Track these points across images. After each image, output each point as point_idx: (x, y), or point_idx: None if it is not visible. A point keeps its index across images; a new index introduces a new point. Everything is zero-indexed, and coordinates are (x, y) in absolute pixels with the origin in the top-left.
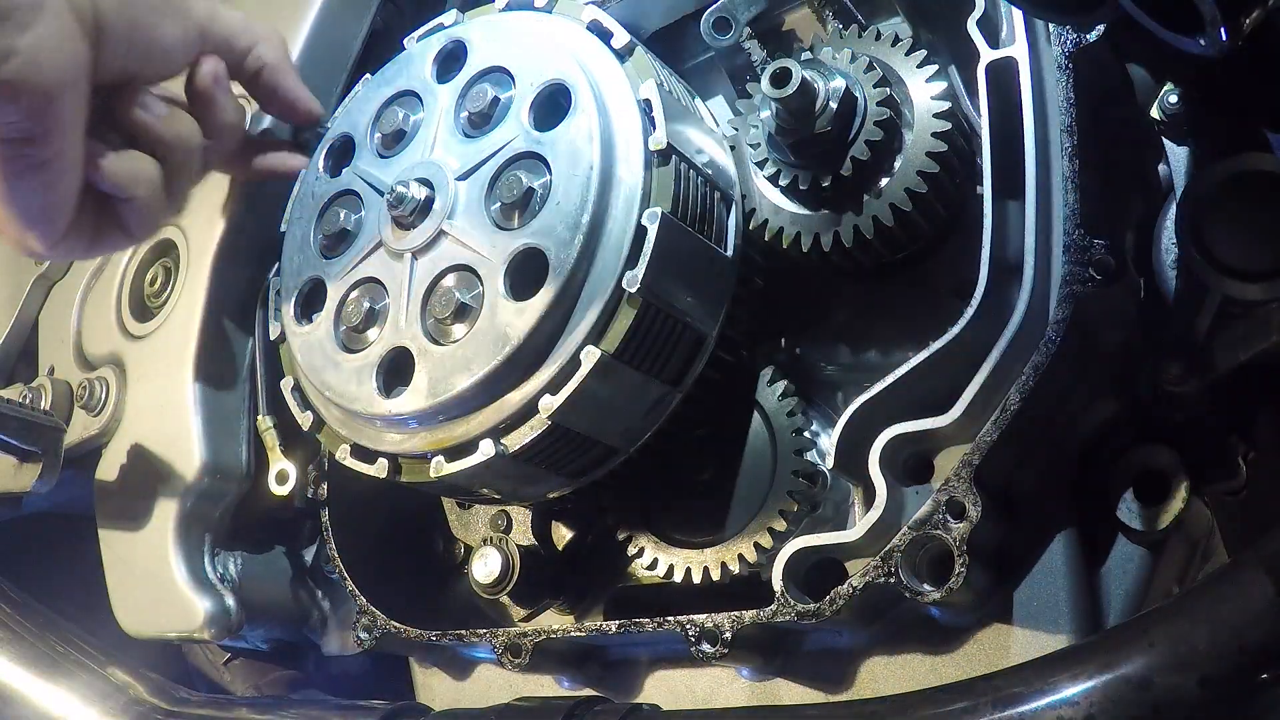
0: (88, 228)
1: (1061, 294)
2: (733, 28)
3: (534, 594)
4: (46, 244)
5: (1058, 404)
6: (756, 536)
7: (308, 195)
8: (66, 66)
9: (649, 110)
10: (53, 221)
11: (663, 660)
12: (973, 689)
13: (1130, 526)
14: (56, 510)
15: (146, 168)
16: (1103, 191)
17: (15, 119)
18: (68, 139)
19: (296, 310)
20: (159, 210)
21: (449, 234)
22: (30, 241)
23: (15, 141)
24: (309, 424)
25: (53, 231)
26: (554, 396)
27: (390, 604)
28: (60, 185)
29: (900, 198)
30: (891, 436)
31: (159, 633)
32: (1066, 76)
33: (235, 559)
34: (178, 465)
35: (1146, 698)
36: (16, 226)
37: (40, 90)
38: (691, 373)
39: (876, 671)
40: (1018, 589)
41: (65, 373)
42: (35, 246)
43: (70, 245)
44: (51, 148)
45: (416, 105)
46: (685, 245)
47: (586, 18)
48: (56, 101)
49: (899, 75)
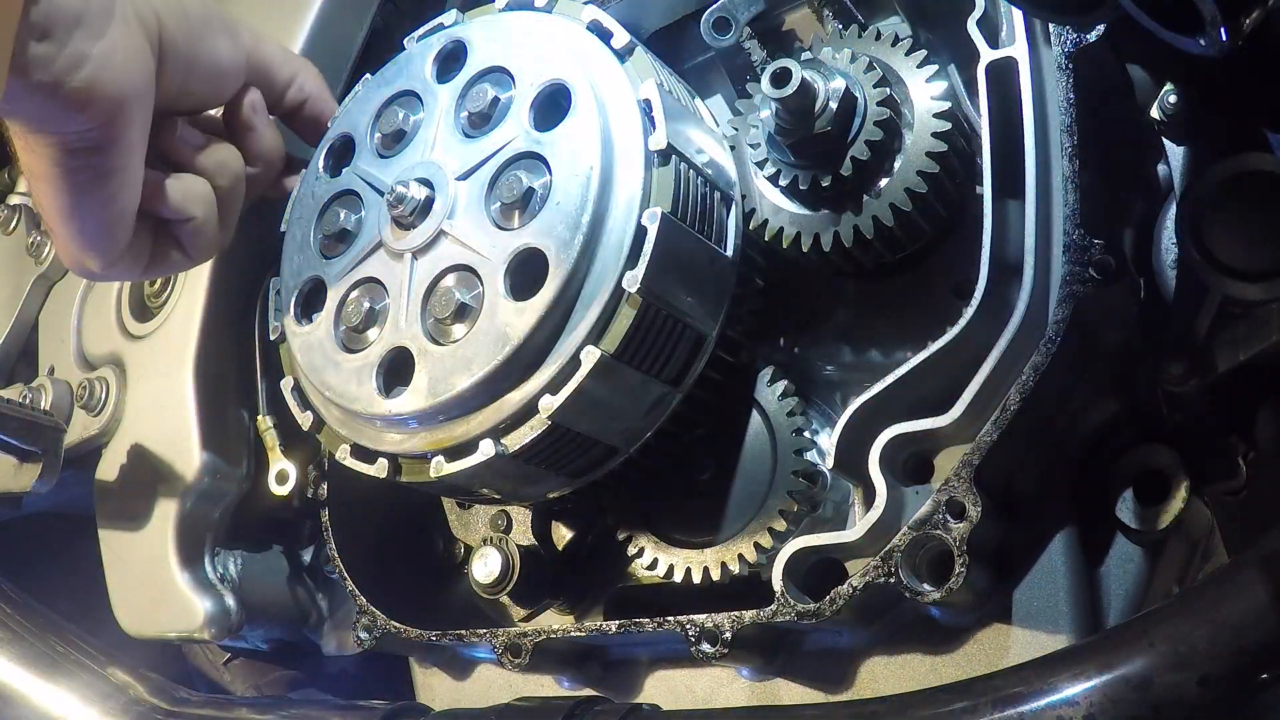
0: (144, 251)
1: (1061, 294)
2: (733, 28)
3: (534, 594)
4: (103, 263)
5: (1058, 404)
6: (756, 536)
7: (308, 195)
8: (135, 75)
9: (649, 110)
10: (112, 239)
11: (663, 660)
12: (973, 689)
13: (1130, 526)
14: (56, 510)
15: (201, 189)
16: (1103, 191)
17: (84, 127)
18: (133, 151)
19: (296, 310)
20: (215, 232)
21: (449, 234)
22: (88, 261)
23: (82, 151)
24: (309, 424)
25: (111, 250)
26: (554, 396)
27: (390, 604)
28: (121, 200)
29: (900, 198)
30: (891, 436)
31: (159, 633)
32: (1066, 76)
33: (235, 559)
34: (178, 465)
35: (1146, 698)
36: (76, 244)
37: (110, 98)
38: (691, 373)
39: (876, 671)
40: (1017, 589)
41: (65, 373)
42: (92, 266)
43: (126, 267)
44: (117, 159)
45: (416, 105)
46: (685, 245)
47: (586, 18)
48: (125, 111)
49: (899, 75)
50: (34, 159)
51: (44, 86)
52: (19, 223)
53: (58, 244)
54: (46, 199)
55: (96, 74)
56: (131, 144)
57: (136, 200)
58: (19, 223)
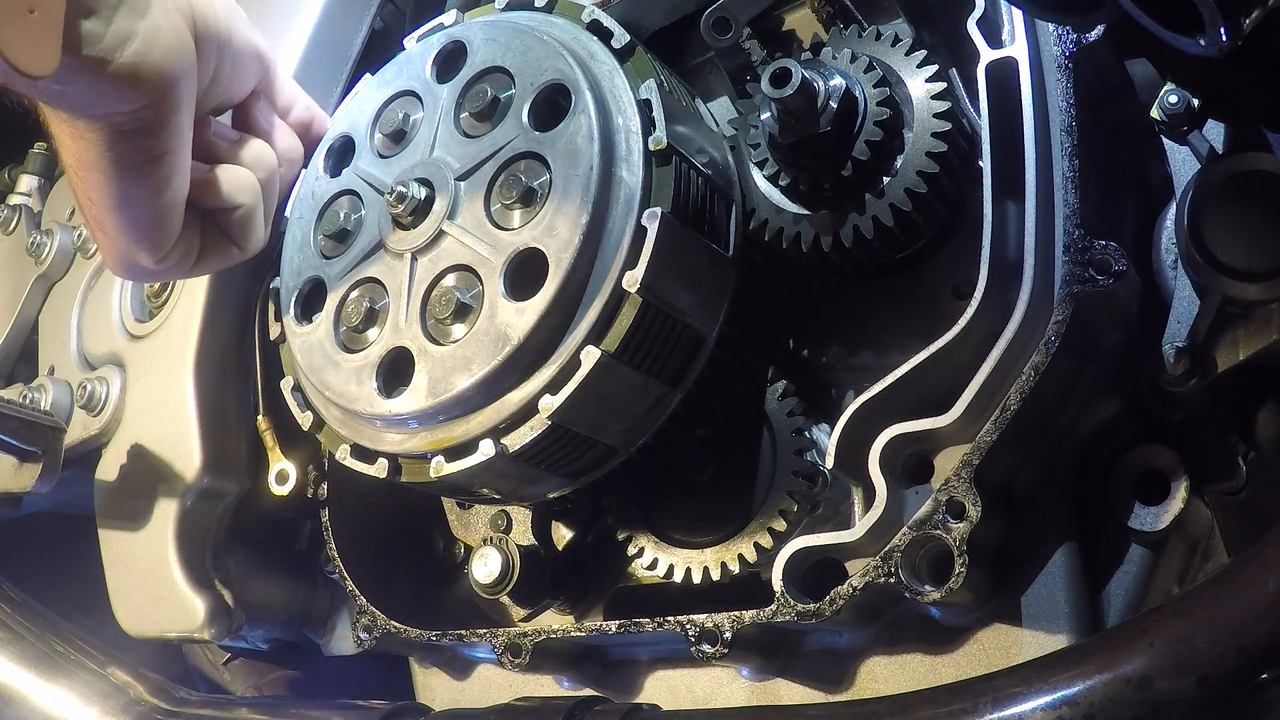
0: (193, 245)
1: (1061, 294)
2: (733, 28)
3: (534, 594)
4: (155, 257)
5: (1058, 404)
6: (756, 536)
7: (308, 195)
8: (180, 54)
9: (649, 110)
10: (164, 230)
11: (663, 660)
12: (973, 689)
13: (1130, 526)
14: (56, 510)
15: (247, 178)
16: (1103, 191)
17: (134, 106)
18: (181, 134)
19: (296, 310)
20: (262, 222)
21: (449, 234)
22: (140, 255)
23: (132, 133)
24: (309, 424)
25: (163, 242)
26: (554, 396)
27: (390, 604)
28: (173, 187)
29: (900, 198)
30: (891, 436)
31: (159, 633)
32: (1066, 76)
33: (235, 559)
34: (178, 465)
35: (1146, 698)
36: (128, 237)
37: (159, 75)
38: (691, 373)
39: (876, 671)
40: (1018, 589)
41: (65, 373)
42: (144, 260)
43: (177, 260)
44: (167, 140)
45: (416, 105)
46: (685, 245)
47: (586, 18)
48: (173, 89)
49: (899, 75)
50: (84, 147)
51: (93, 63)
52: (19, 223)
53: (105, 242)
54: (97, 189)
55: (144, 51)
56: (179, 126)
57: (185, 189)
58: (19, 223)
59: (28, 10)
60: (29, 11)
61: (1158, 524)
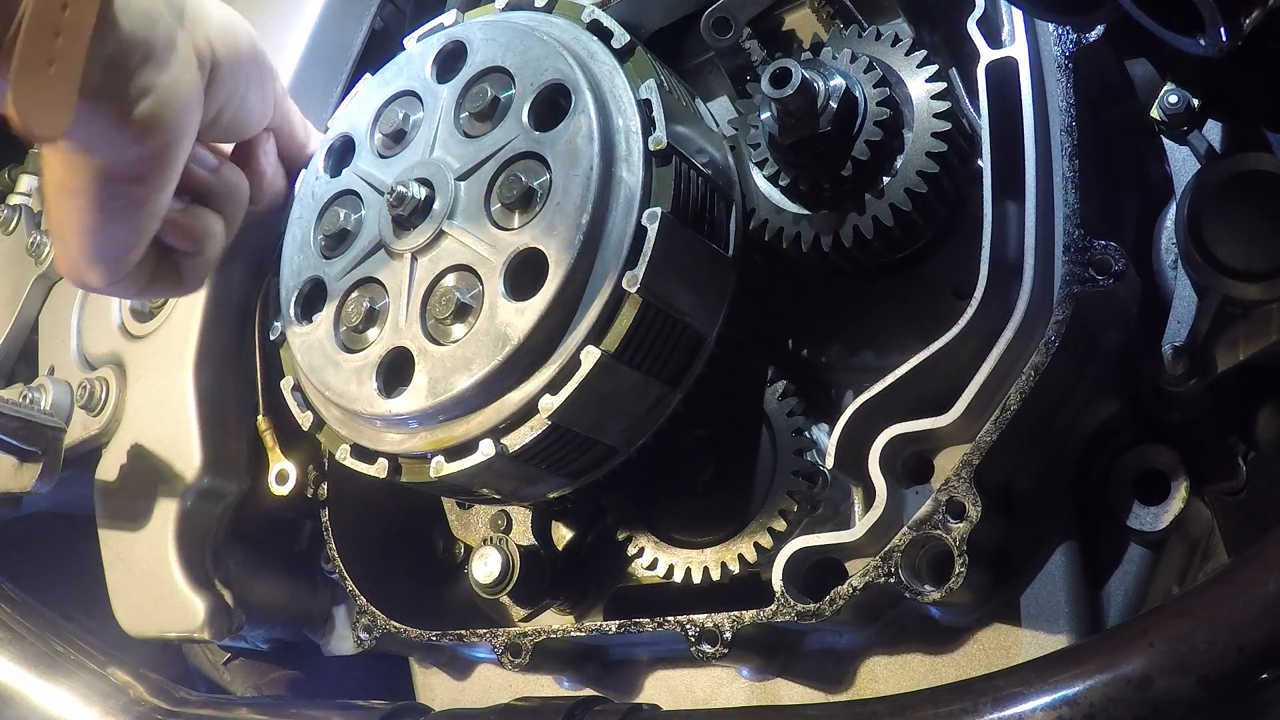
0: (144, 274)
1: (1061, 294)
2: (733, 28)
3: (534, 594)
4: (107, 280)
5: (1058, 404)
6: (756, 536)
7: (308, 195)
8: (191, 109)
9: (649, 110)
10: (121, 261)
11: (663, 660)
12: (972, 689)
13: (1130, 526)
14: (56, 510)
15: (215, 226)
16: (1103, 191)
17: (134, 157)
18: (170, 186)
19: (296, 310)
20: (213, 266)
21: (449, 234)
22: (91, 276)
23: (125, 179)
24: (309, 424)
25: (117, 270)
26: (554, 396)
27: (390, 604)
28: (145, 229)
29: (900, 198)
30: (891, 436)
31: (159, 633)
32: (1066, 76)
33: (235, 559)
34: (178, 465)
35: (1146, 698)
36: (84, 259)
37: (168, 131)
38: (691, 373)
39: (876, 671)
40: (1018, 589)
41: (65, 373)
42: (95, 281)
43: (126, 286)
44: (156, 190)
45: (416, 105)
46: (685, 245)
47: (586, 18)
48: (176, 145)
49: (899, 75)
50: (71, 175)
51: (110, 113)
52: (19, 223)
53: (63, 253)
54: (73, 213)
55: (159, 106)
56: (170, 179)
57: (156, 228)
58: (19, 223)
59: (46, 64)
60: (47, 65)
61: (1158, 524)
